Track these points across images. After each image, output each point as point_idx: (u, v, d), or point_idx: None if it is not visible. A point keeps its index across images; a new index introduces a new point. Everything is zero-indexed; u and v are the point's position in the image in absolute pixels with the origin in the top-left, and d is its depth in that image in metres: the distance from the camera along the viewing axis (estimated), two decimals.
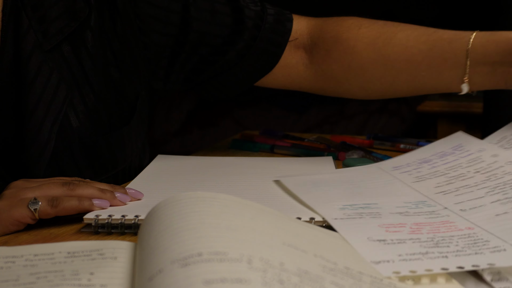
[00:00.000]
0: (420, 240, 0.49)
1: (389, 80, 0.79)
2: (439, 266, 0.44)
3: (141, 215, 0.56)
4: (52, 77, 0.69)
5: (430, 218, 0.55)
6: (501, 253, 0.46)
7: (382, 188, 0.66)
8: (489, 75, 0.71)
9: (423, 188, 0.64)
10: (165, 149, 2.17)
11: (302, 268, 0.39)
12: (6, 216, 0.57)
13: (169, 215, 0.43)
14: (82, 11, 0.71)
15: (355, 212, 0.57)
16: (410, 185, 0.66)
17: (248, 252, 0.38)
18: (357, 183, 0.68)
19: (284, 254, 0.40)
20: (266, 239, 0.41)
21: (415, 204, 0.59)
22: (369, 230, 0.52)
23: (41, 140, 0.68)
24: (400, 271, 0.43)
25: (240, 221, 0.43)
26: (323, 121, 3.19)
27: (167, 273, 0.36)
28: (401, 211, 0.57)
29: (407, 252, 0.46)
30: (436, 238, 0.49)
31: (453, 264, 0.44)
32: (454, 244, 0.48)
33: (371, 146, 0.96)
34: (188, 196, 0.46)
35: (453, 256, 0.45)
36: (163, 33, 0.78)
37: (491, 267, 0.43)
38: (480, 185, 0.61)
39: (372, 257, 0.46)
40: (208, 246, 0.38)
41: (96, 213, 0.58)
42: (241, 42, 0.80)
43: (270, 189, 0.68)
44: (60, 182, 0.60)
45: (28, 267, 0.46)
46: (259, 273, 0.36)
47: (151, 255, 0.39)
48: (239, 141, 1.00)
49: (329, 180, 0.69)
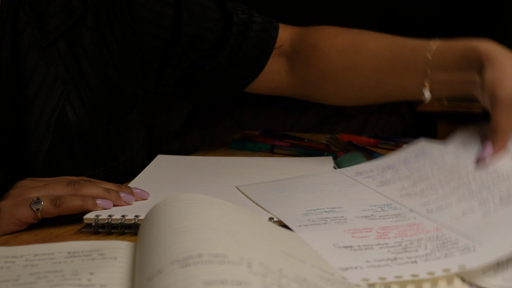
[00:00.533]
0: (388, 245, 0.48)
1: (358, 86, 0.81)
2: (409, 272, 0.43)
3: (141, 215, 0.56)
4: (49, 73, 0.70)
5: (396, 221, 0.54)
6: (471, 253, 0.45)
7: (346, 191, 0.64)
8: (448, 82, 0.73)
9: (388, 191, 0.63)
10: (165, 149, 2.17)
11: (300, 276, 0.39)
12: (8, 215, 0.57)
13: (169, 215, 0.43)
14: (78, 9, 0.72)
15: (320, 217, 0.55)
16: (375, 189, 0.65)
17: (248, 256, 0.38)
18: (320, 187, 0.66)
19: (282, 261, 0.40)
20: (265, 246, 0.42)
21: (380, 207, 0.58)
22: (334, 236, 0.51)
23: (39, 133, 0.70)
24: (369, 278, 0.42)
25: (240, 227, 0.43)
26: (323, 121, 3.19)
27: (167, 273, 0.36)
28: (366, 214, 0.56)
29: (375, 258, 0.46)
30: (404, 242, 0.49)
31: (423, 269, 0.43)
32: (422, 247, 0.47)
33: (376, 145, 0.98)
34: (188, 197, 0.46)
35: (422, 260, 0.45)
36: (156, 36, 0.80)
37: (462, 270, 0.42)
38: (445, 185, 0.60)
39: (340, 263, 0.45)
40: (208, 247, 0.38)
41: (96, 213, 0.58)
42: (229, 48, 0.82)
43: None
44: (65, 182, 0.60)
45: (28, 267, 0.46)
46: (259, 277, 0.36)
47: (151, 255, 0.39)
48: (239, 141, 1.00)
49: (291, 185, 0.68)
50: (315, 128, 3.11)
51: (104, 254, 0.48)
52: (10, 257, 0.47)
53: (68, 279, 0.43)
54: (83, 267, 0.45)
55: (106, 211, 0.58)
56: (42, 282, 0.43)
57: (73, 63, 0.73)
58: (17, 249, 0.49)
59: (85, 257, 0.47)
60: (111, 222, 0.56)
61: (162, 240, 0.40)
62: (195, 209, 0.44)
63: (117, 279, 0.44)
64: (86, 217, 0.57)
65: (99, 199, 0.59)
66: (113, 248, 0.49)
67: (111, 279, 0.44)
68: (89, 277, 0.44)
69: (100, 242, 0.50)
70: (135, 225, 0.56)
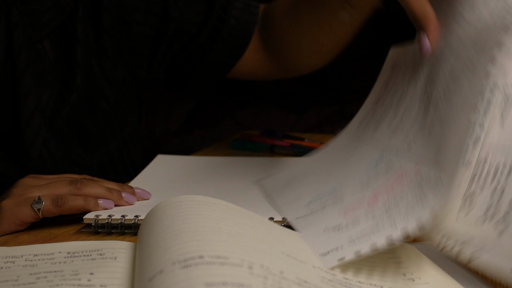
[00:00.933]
0: (374, 211, 0.45)
1: (299, 31, 0.81)
2: (383, 236, 0.40)
3: (141, 215, 0.56)
4: (42, 68, 0.73)
5: (386, 175, 0.50)
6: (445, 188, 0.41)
7: (350, 160, 0.60)
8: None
9: (380, 135, 0.58)
10: (165, 149, 2.17)
11: (301, 278, 0.39)
12: (9, 214, 0.57)
13: (170, 216, 0.43)
14: (68, 5, 0.75)
15: (319, 205, 0.54)
16: (372, 137, 0.59)
17: (248, 258, 0.37)
18: (325, 168, 0.63)
19: (283, 263, 0.40)
20: (266, 248, 0.41)
21: (375, 165, 0.54)
22: (327, 220, 0.49)
23: (34, 125, 0.72)
24: (345, 256, 0.41)
25: (241, 229, 0.43)
26: (323, 121, 3.19)
27: (168, 274, 0.36)
28: (362, 180, 0.53)
29: (357, 230, 0.43)
30: (388, 203, 0.45)
31: (397, 233, 0.40)
32: (404, 203, 0.43)
33: None
34: (190, 198, 0.46)
35: (400, 220, 0.41)
36: (145, 24, 0.81)
37: (434, 215, 0.39)
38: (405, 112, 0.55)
39: (322, 249, 0.43)
40: (209, 249, 0.38)
41: (96, 213, 0.58)
42: (212, 24, 0.84)
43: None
44: (67, 181, 0.61)
45: (28, 267, 0.46)
46: (259, 279, 0.35)
47: (151, 256, 0.39)
48: (239, 141, 1.00)
49: (299, 174, 0.66)
50: (315, 128, 3.11)
51: (104, 254, 0.47)
52: (10, 257, 0.47)
53: (68, 279, 0.43)
54: (83, 267, 0.45)
55: (107, 211, 0.58)
56: (42, 282, 0.43)
57: (65, 57, 0.75)
58: (17, 249, 0.49)
59: (85, 257, 0.47)
60: (111, 222, 0.56)
61: (163, 241, 0.40)
62: (197, 210, 0.44)
63: (117, 279, 0.43)
64: (86, 217, 0.57)
65: (101, 199, 0.59)
66: (113, 248, 0.49)
67: (111, 279, 0.43)
68: (89, 277, 0.43)
69: (100, 242, 0.50)
70: (135, 225, 0.56)
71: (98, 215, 0.57)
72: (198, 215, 0.43)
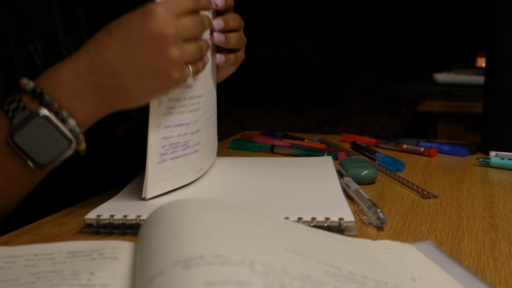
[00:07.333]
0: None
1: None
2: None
3: (142, 215, 0.56)
4: (34, 68, 0.77)
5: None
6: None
7: None
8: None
9: None
10: None
11: (304, 273, 0.39)
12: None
13: (173, 218, 0.43)
14: (55, 11, 0.83)
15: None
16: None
17: (250, 257, 0.38)
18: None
19: (286, 259, 0.40)
20: (268, 245, 0.41)
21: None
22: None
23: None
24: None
25: (244, 227, 0.43)
26: (323, 121, 3.19)
27: (169, 274, 0.36)
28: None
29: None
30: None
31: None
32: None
33: (377, 145, 1.01)
34: (192, 201, 0.46)
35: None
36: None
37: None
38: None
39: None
40: (210, 249, 0.38)
41: (98, 213, 0.57)
42: None
43: (269, 189, 0.68)
44: None
45: (28, 267, 0.46)
46: (260, 276, 0.35)
47: (152, 256, 0.39)
48: (239, 141, 1.00)
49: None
50: (315, 128, 3.11)
51: (104, 254, 0.47)
52: (10, 257, 0.47)
53: (68, 279, 0.43)
54: (83, 267, 0.45)
55: (107, 211, 0.58)
56: (42, 282, 0.43)
57: (54, 58, 0.79)
58: (17, 249, 0.49)
59: (85, 257, 0.47)
60: (113, 222, 0.56)
61: (164, 242, 0.40)
62: (199, 212, 0.44)
63: (117, 279, 0.43)
64: (87, 217, 0.57)
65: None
66: (113, 248, 0.49)
67: (111, 279, 0.43)
68: (89, 277, 0.43)
69: (100, 242, 0.50)
70: (137, 225, 0.56)
71: (100, 215, 0.57)
72: (201, 216, 0.43)
